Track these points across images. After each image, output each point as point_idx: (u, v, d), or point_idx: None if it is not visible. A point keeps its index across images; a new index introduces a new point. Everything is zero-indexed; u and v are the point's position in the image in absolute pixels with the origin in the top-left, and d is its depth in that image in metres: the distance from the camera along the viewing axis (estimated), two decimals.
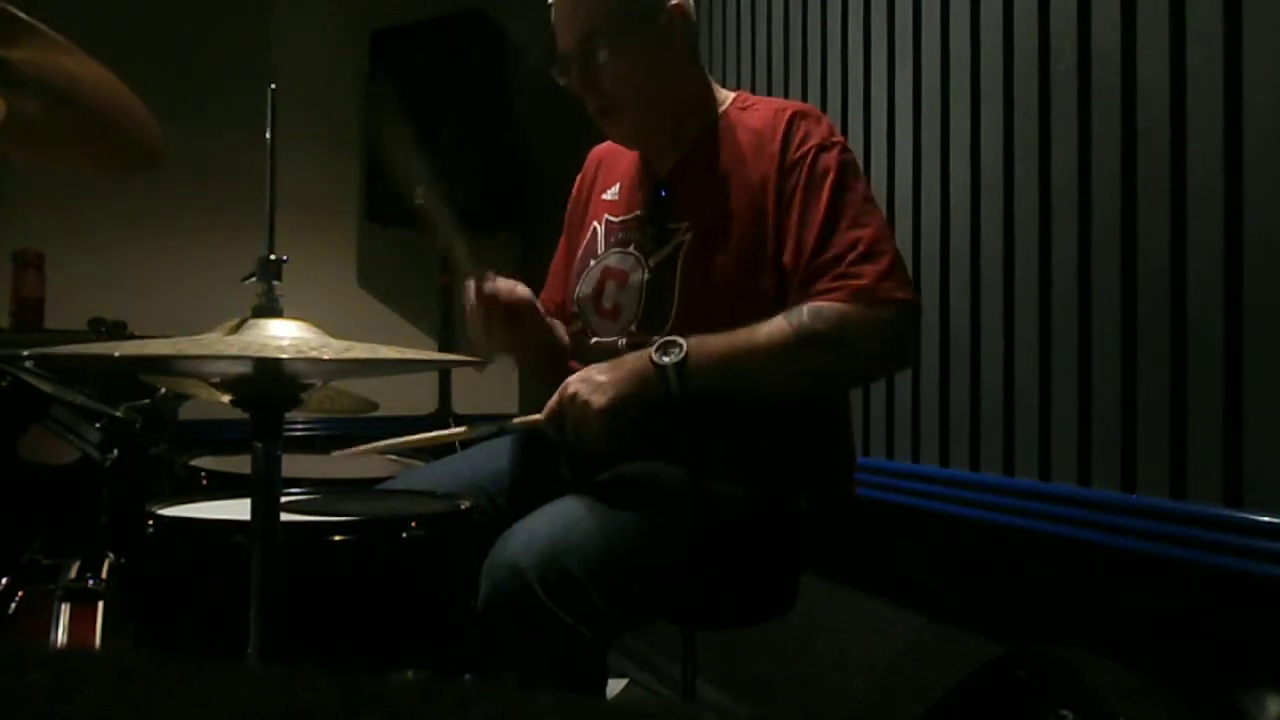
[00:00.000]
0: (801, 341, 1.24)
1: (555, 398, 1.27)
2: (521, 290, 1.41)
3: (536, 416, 1.29)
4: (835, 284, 1.26)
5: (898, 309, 1.27)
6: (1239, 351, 1.33)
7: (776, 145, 1.35)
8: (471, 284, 1.39)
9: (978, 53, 1.74)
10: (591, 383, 1.25)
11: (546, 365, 1.49)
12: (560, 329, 1.53)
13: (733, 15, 2.42)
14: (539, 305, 1.45)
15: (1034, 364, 1.61)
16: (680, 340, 1.25)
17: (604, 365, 1.29)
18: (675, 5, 1.39)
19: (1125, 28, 1.48)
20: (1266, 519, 1.28)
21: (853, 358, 1.28)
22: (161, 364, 1.04)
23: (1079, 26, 1.55)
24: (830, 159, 1.33)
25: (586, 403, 1.22)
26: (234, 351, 0.85)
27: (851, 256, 1.27)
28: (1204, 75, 1.37)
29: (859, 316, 1.24)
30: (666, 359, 1.24)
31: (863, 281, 1.25)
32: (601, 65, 1.37)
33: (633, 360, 1.27)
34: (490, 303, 1.38)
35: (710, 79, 1.50)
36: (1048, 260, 1.60)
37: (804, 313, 1.25)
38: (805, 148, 1.34)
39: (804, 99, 2.15)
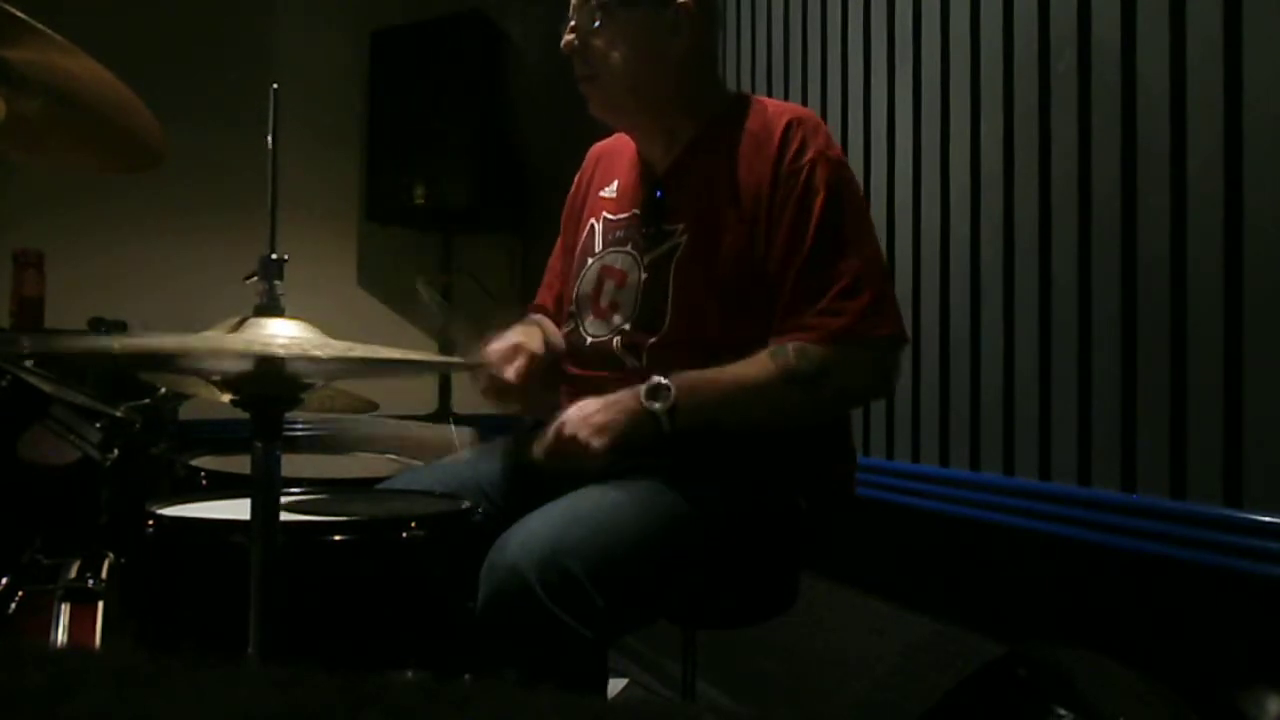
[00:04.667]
0: (786, 381, 1.27)
1: (552, 435, 1.26)
2: (522, 359, 1.38)
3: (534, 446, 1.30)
4: (819, 320, 1.28)
5: (879, 346, 1.32)
6: (1239, 351, 1.33)
7: (772, 150, 1.35)
8: (478, 370, 1.39)
9: (978, 53, 1.74)
10: (589, 424, 1.25)
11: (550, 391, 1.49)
12: (557, 336, 1.52)
13: (733, 15, 2.42)
14: (541, 346, 1.44)
15: (1034, 364, 1.61)
16: (668, 384, 1.26)
17: (599, 403, 1.28)
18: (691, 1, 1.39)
19: (1125, 27, 1.48)
20: (1266, 519, 1.28)
21: (835, 395, 1.33)
22: (163, 360, 1.04)
23: (1079, 26, 1.55)
24: (823, 176, 1.32)
25: (586, 445, 1.24)
26: (237, 349, 0.85)
27: (835, 291, 1.29)
28: (1204, 75, 1.37)
29: (841, 357, 1.28)
30: (657, 405, 1.26)
31: (845, 320, 1.28)
32: (597, 28, 1.38)
33: (625, 400, 1.28)
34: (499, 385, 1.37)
35: (721, 82, 1.49)
36: (1048, 260, 1.60)
37: (789, 353, 1.28)
38: (801, 161, 1.33)
39: (804, 99, 2.15)
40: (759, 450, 1.34)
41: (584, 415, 1.27)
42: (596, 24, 1.37)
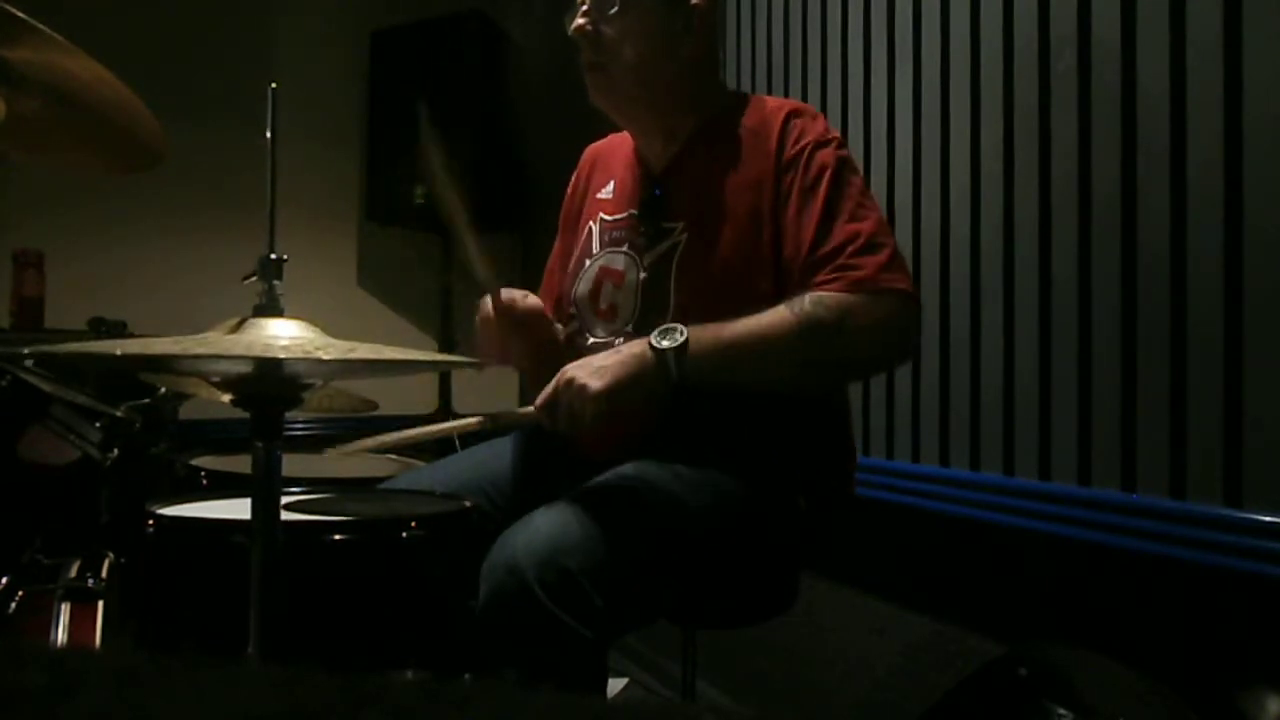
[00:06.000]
0: (804, 329, 1.22)
1: (551, 385, 1.25)
2: (533, 300, 1.42)
3: (529, 409, 1.27)
4: (835, 275, 1.26)
5: (899, 300, 1.27)
6: (1239, 351, 1.33)
7: (772, 144, 1.35)
8: (488, 298, 1.39)
9: (978, 53, 1.74)
10: (589, 367, 1.23)
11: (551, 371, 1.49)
12: (561, 332, 1.53)
13: (733, 15, 2.42)
14: (547, 313, 1.46)
15: (1034, 364, 1.61)
16: (680, 326, 1.23)
17: (603, 353, 1.28)
18: (703, 1, 1.40)
19: (1125, 27, 1.48)
20: (1267, 519, 1.28)
21: (855, 347, 1.25)
22: (164, 363, 1.04)
23: (1079, 26, 1.55)
24: (826, 155, 1.33)
25: (584, 386, 1.20)
26: (238, 351, 0.85)
27: (851, 249, 1.27)
28: (1204, 75, 1.37)
29: (861, 306, 1.24)
30: (666, 343, 1.21)
31: (863, 272, 1.25)
32: (612, 16, 1.37)
33: (631, 346, 1.26)
34: (506, 314, 1.37)
35: (723, 85, 1.49)
36: (1048, 260, 1.60)
37: (806, 301, 1.24)
38: (801, 144, 1.34)
39: (804, 99, 2.15)
40: (759, 450, 1.34)
41: (585, 361, 1.25)
42: (613, 10, 1.37)
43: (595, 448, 1.37)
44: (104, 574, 1.28)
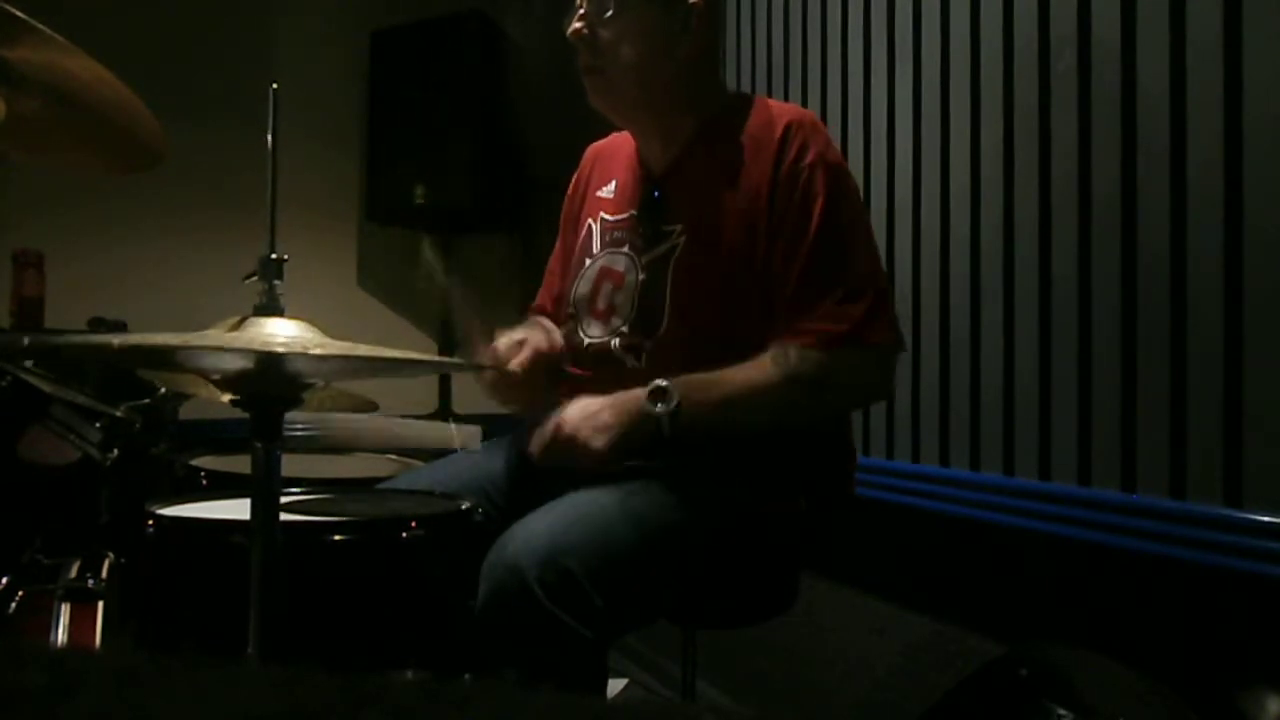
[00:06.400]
0: (787, 386, 1.28)
1: (551, 434, 1.28)
2: (527, 352, 1.38)
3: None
4: (819, 325, 1.29)
5: (877, 352, 1.33)
6: (1239, 351, 1.33)
7: (771, 153, 1.35)
8: (489, 351, 1.37)
9: (978, 53, 1.74)
10: (591, 422, 1.26)
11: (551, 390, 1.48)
12: (559, 336, 1.52)
13: (733, 15, 2.42)
14: (546, 344, 1.42)
15: (1034, 364, 1.61)
16: (670, 387, 1.26)
17: (600, 402, 1.29)
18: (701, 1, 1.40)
19: (1125, 27, 1.48)
20: (1266, 519, 1.28)
21: (835, 399, 1.36)
22: (159, 355, 1.04)
23: (1079, 26, 1.55)
24: (823, 180, 1.32)
25: (586, 444, 1.25)
26: (239, 344, 0.85)
27: (835, 297, 1.29)
28: (1204, 75, 1.37)
29: (840, 362, 1.29)
30: (659, 408, 1.26)
31: (843, 327, 1.28)
32: (608, 19, 1.37)
33: (627, 401, 1.28)
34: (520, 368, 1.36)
35: (723, 84, 1.49)
36: (1048, 260, 1.60)
37: (789, 357, 1.28)
38: (800, 164, 1.33)
39: (804, 99, 2.15)
40: (759, 451, 1.34)
41: (586, 413, 1.27)
42: (609, 14, 1.37)
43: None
44: (104, 574, 1.28)
